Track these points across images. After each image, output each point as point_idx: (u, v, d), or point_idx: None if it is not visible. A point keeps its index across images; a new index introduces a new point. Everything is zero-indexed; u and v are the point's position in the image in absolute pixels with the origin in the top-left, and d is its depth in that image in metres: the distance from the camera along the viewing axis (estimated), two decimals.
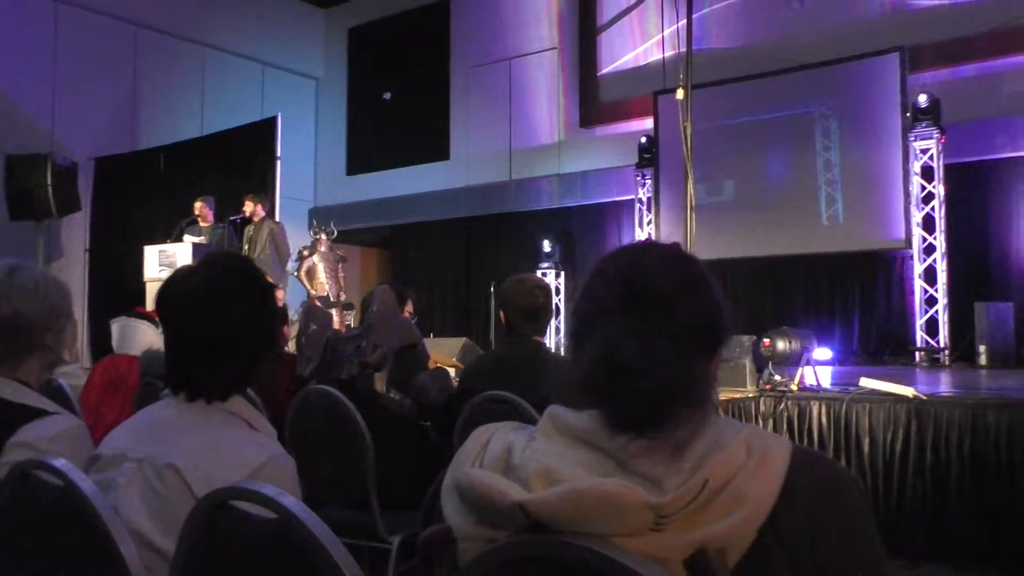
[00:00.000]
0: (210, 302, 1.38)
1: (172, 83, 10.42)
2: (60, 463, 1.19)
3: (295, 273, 9.09)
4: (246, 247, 7.69)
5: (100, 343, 7.93)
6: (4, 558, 1.29)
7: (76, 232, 9.57)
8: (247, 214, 7.81)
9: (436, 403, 2.97)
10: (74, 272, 9.31)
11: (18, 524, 1.27)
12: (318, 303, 7.90)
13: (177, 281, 1.42)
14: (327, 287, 9.00)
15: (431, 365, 3.40)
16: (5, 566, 1.29)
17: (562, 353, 4.78)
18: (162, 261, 7.34)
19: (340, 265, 9.25)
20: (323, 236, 9.08)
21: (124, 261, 8.56)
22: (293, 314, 9.64)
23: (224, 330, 1.38)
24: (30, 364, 1.65)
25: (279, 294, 7.66)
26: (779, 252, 8.05)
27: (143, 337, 4.27)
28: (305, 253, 9.15)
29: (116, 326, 4.45)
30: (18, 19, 9.11)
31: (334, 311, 8.60)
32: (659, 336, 0.85)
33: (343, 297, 9.07)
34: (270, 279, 1.56)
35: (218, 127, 9.66)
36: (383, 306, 3.09)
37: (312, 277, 9.10)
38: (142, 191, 9.40)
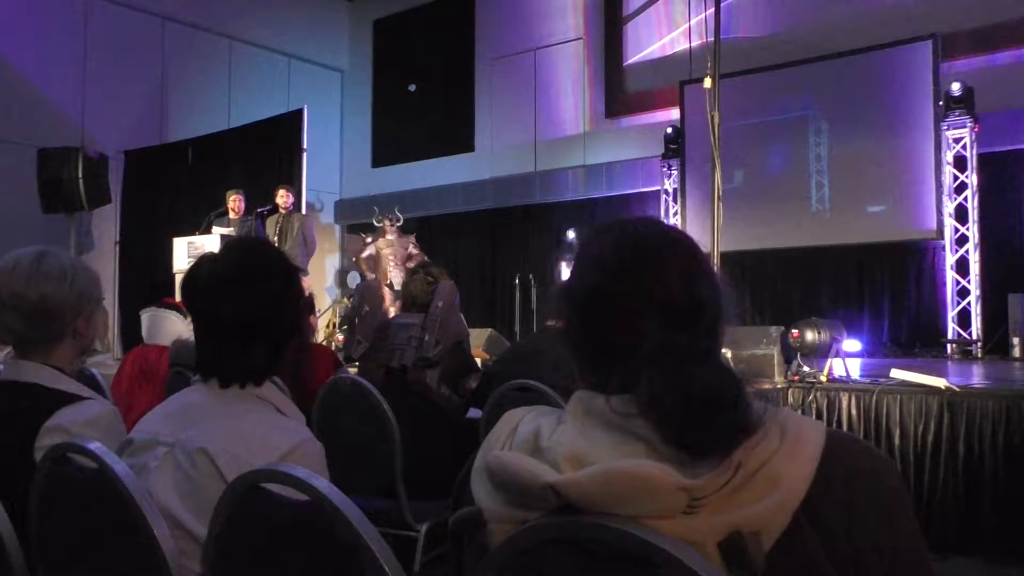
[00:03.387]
0: (236, 286, 1.39)
1: (200, 76, 10.52)
2: (95, 446, 1.21)
3: (354, 259, 8.93)
4: (276, 239, 7.76)
5: (130, 334, 8.06)
6: (40, 539, 1.31)
7: (106, 225, 9.69)
8: (282, 204, 7.87)
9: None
10: (105, 264, 9.43)
11: (53, 506, 1.29)
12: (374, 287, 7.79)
13: (202, 267, 1.43)
14: (391, 275, 8.75)
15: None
16: (41, 546, 1.31)
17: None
18: (191, 253, 7.42)
19: (412, 248, 8.91)
20: (387, 223, 8.86)
21: (153, 253, 8.66)
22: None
23: (251, 313, 1.39)
24: (62, 350, 1.67)
25: (305, 282, 7.61)
26: (807, 243, 7.96)
27: (172, 327, 4.33)
28: (368, 240, 8.92)
29: (146, 317, 4.51)
30: (48, 13, 9.23)
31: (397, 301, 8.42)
32: (708, 348, 0.85)
33: None
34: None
35: (245, 120, 9.73)
36: (447, 303, 3.10)
37: (376, 264, 8.85)
38: (171, 184, 9.49)
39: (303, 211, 8.38)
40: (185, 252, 7.50)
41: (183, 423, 1.37)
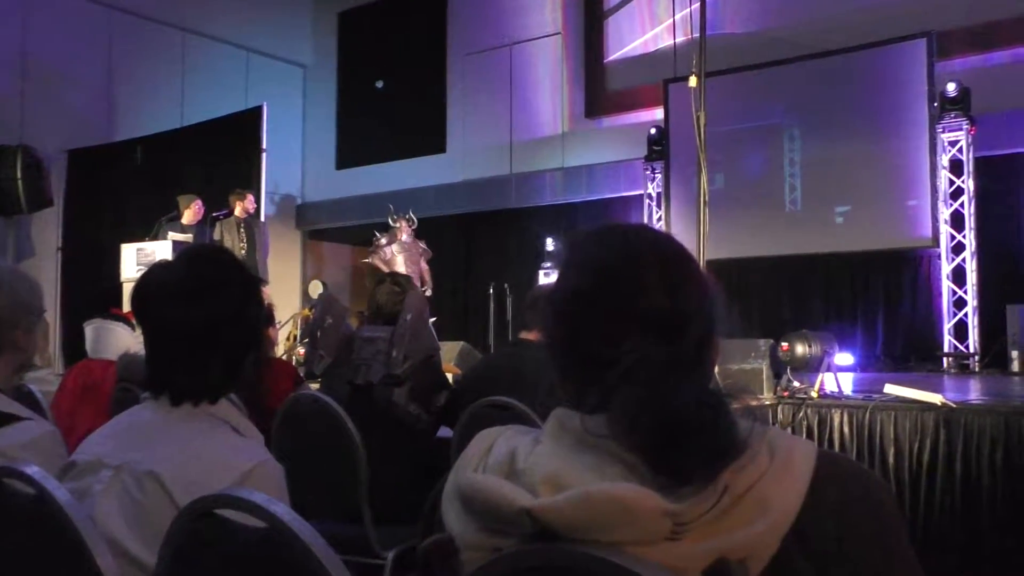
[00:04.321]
0: (190, 295, 1.38)
1: (150, 70, 10.42)
2: (33, 470, 1.19)
3: (368, 258, 8.74)
4: (242, 246, 7.73)
5: (73, 347, 7.94)
6: None
7: (48, 229, 9.57)
8: (246, 210, 7.86)
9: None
10: (46, 271, 9.30)
11: None
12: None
13: (155, 275, 1.42)
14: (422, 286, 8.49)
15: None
16: None
17: None
18: (140, 260, 7.35)
19: (423, 259, 8.85)
20: (403, 223, 8.72)
21: (99, 260, 8.57)
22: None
23: (206, 325, 1.38)
24: None
25: (264, 291, 7.57)
26: (796, 251, 8.04)
27: (119, 340, 4.27)
28: (382, 241, 8.74)
29: (90, 329, 4.45)
30: None
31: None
32: (694, 364, 0.85)
33: (428, 293, 8.56)
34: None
35: (200, 117, 9.67)
36: (416, 316, 3.09)
37: (390, 268, 8.58)
38: (118, 185, 9.40)
39: (262, 215, 8.37)
40: (134, 259, 7.43)
41: (130, 444, 1.35)
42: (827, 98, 7.90)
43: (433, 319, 8.66)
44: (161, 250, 7.23)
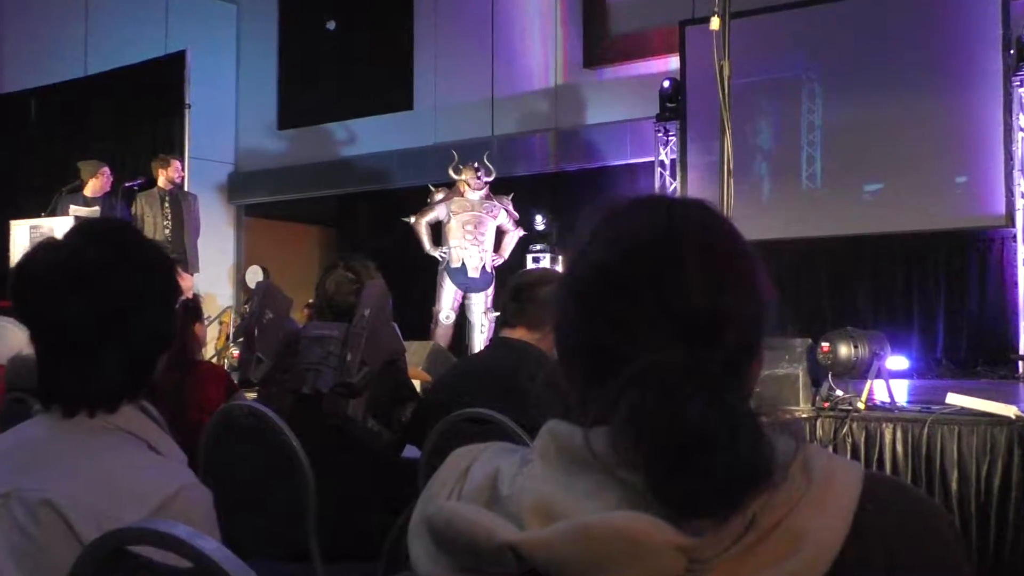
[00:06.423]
0: (76, 283, 1.38)
1: (47, 6, 10.33)
2: None
3: (413, 219, 8.33)
4: (167, 224, 7.71)
5: None
6: None
7: None
8: (171, 179, 7.84)
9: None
10: None
11: None
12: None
13: (36, 258, 1.42)
14: (462, 255, 8.08)
15: None
16: None
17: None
18: (34, 240, 7.31)
19: (511, 222, 8.33)
20: (469, 175, 8.24)
21: None
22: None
23: (97, 317, 1.38)
24: None
25: (187, 282, 7.63)
26: (840, 232, 8.07)
27: (10, 339, 4.26)
28: (437, 197, 8.26)
29: None
30: None
31: (485, 294, 8.04)
32: (723, 374, 0.85)
33: (490, 269, 8.00)
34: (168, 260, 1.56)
35: (108, 65, 9.63)
36: (376, 310, 3.08)
37: (446, 235, 8.22)
38: (7, 148, 9.35)
39: (186, 186, 8.34)
40: (27, 239, 7.41)
41: (20, 467, 1.35)
42: (880, 46, 7.90)
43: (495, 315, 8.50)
44: (60, 228, 7.19)
